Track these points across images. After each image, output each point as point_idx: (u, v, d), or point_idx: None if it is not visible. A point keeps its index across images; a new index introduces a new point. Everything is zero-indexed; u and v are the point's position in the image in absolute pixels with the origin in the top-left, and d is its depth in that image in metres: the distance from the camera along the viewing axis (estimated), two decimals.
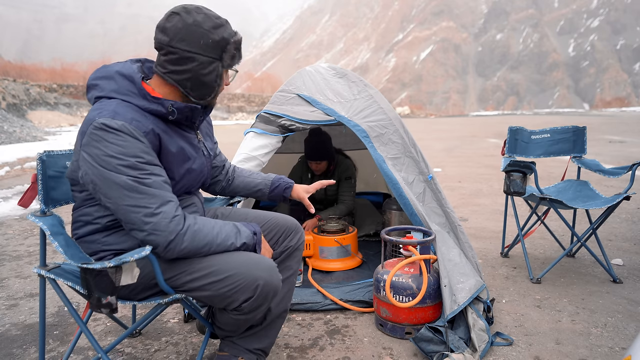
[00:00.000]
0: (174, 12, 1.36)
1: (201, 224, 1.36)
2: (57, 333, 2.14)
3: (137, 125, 1.29)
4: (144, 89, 1.36)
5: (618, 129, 18.32)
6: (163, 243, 1.27)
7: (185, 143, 1.48)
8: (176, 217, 1.29)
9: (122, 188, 1.24)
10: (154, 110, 1.36)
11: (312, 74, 2.62)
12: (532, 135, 3.16)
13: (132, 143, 1.27)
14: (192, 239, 1.32)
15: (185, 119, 1.45)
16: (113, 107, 1.30)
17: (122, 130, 1.25)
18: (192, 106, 1.43)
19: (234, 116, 39.90)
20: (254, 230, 1.47)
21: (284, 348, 1.95)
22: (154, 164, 1.32)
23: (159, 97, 1.37)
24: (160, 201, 1.28)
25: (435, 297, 2.00)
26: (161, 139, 1.37)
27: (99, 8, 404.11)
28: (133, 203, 1.25)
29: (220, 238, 1.38)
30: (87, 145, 1.27)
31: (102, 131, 1.25)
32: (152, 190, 1.27)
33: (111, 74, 1.38)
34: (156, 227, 1.26)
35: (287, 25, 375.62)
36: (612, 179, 5.86)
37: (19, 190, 6.26)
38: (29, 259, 3.27)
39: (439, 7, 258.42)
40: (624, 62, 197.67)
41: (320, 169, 3.27)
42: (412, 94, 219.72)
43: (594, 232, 2.72)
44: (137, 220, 1.26)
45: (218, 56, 1.40)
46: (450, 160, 9.11)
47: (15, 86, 26.83)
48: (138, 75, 1.38)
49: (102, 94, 1.36)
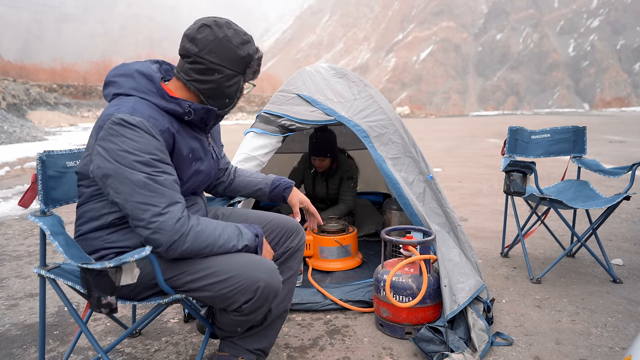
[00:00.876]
0: (205, 24, 1.41)
1: (204, 225, 1.36)
2: (57, 333, 2.14)
3: (154, 122, 1.32)
4: (163, 89, 1.39)
5: (618, 129, 18.31)
6: (166, 243, 1.28)
7: (196, 144, 1.50)
8: (182, 218, 1.30)
9: (133, 184, 1.26)
10: (171, 109, 1.39)
11: (312, 74, 2.62)
12: (532, 135, 3.16)
13: (148, 140, 1.29)
14: (195, 240, 1.32)
15: (199, 120, 1.47)
16: (132, 104, 1.32)
17: (139, 127, 1.28)
18: (208, 108, 1.46)
19: (234, 116, 39.88)
20: (256, 232, 1.48)
21: (284, 348, 1.95)
22: (166, 162, 1.34)
23: (177, 97, 1.41)
24: (169, 201, 1.29)
25: (435, 297, 2.00)
26: (175, 138, 1.39)
27: (99, 8, 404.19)
28: (143, 200, 1.26)
29: (223, 240, 1.38)
30: (103, 140, 1.29)
31: (120, 126, 1.27)
32: (163, 189, 1.29)
33: (131, 72, 1.41)
34: (162, 227, 1.27)
35: (287, 25, 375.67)
36: (612, 179, 5.86)
37: (19, 190, 6.26)
38: (29, 259, 3.27)
39: (439, 7, 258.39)
40: (624, 62, 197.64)
41: (324, 165, 3.28)
42: (412, 94, 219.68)
43: (594, 232, 2.72)
44: (144, 217, 1.27)
45: (242, 70, 1.46)
46: (450, 160, 9.11)
47: (15, 86, 26.83)
48: (157, 75, 1.42)
49: (121, 91, 1.39)
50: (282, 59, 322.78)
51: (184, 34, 1.44)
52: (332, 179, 3.41)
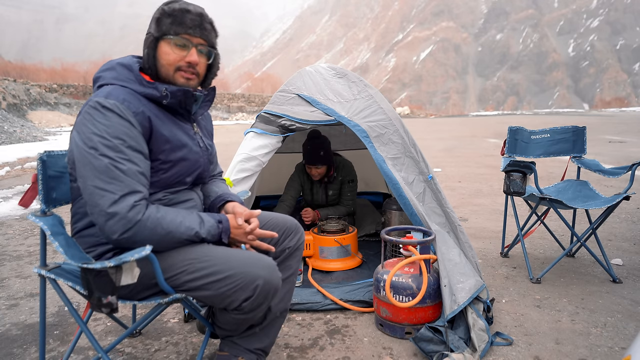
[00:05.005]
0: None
1: (164, 212, 1.35)
2: (58, 333, 2.14)
3: (127, 105, 1.34)
4: (141, 76, 1.43)
5: (618, 129, 18.31)
6: (119, 230, 1.27)
7: (179, 131, 1.49)
8: (137, 206, 1.28)
9: (95, 168, 1.27)
10: (148, 94, 1.42)
11: (312, 74, 2.62)
12: (532, 135, 3.16)
13: (119, 124, 1.31)
14: (154, 227, 1.31)
15: (179, 104, 1.47)
16: (109, 90, 1.37)
17: (112, 109, 1.31)
18: (184, 89, 1.45)
19: (234, 116, 39.89)
20: (218, 219, 1.45)
21: (284, 348, 1.95)
22: (136, 149, 1.33)
23: (154, 82, 1.43)
24: (126, 190, 1.28)
25: (435, 297, 2.01)
26: (152, 122, 1.39)
27: (99, 8, 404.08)
28: (100, 186, 1.26)
29: (184, 227, 1.36)
30: (78, 124, 1.34)
31: (93, 109, 1.31)
32: (123, 177, 1.28)
33: (113, 65, 1.47)
34: (115, 214, 1.25)
35: (287, 26, 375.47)
36: (612, 179, 5.86)
37: (19, 190, 6.26)
38: (29, 258, 3.28)
39: (439, 7, 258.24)
40: (623, 62, 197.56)
41: (320, 173, 3.20)
42: (412, 94, 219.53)
43: (593, 232, 2.72)
44: (99, 203, 1.26)
45: (153, 29, 1.44)
46: (450, 160, 9.11)
47: (15, 86, 26.81)
48: (136, 65, 1.46)
49: (104, 82, 1.43)
50: (282, 59, 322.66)
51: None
52: (332, 185, 3.35)
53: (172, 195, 1.49)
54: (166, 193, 1.48)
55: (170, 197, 1.49)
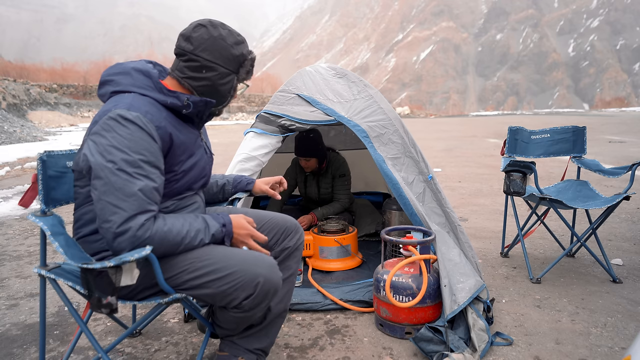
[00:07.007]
0: (200, 24, 1.45)
1: (170, 225, 1.33)
2: (58, 333, 2.14)
3: (150, 118, 1.33)
4: (161, 84, 1.42)
5: (618, 129, 18.30)
6: (127, 247, 1.26)
7: (191, 139, 1.51)
8: (145, 224, 1.27)
9: (110, 183, 1.25)
10: (170, 103, 1.41)
11: (312, 74, 2.62)
12: (532, 135, 3.16)
13: (141, 138, 1.29)
14: (161, 242, 1.30)
15: (197, 114, 1.49)
16: (130, 100, 1.34)
17: (135, 122, 1.29)
18: (207, 100, 1.48)
19: (234, 116, 39.84)
20: (223, 222, 1.46)
21: (284, 348, 1.95)
22: (154, 165, 1.32)
23: (175, 91, 1.43)
24: (139, 209, 1.26)
25: (435, 297, 2.01)
26: (172, 134, 1.40)
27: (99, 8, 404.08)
28: (114, 202, 1.24)
29: (190, 237, 1.36)
30: (96, 134, 1.30)
31: (115, 122, 1.28)
32: (138, 195, 1.26)
33: (127, 70, 1.44)
34: (124, 232, 1.24)
35: (287, 26, 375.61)
36: (612, 179, 5.86)
37: (19, 190, 6.26)
38: (29, 259, 3.28)
39: (439, 7, 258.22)
40: (623, 62, 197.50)
41: (310, 166, 3.23)
42: (412, 94, 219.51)
43: (593, 232, 2.72)
44: (112, 219, 1.24)
45: (235, 69, 1.50)
46: (450, 160, 9.11)
47: (15, 86, 26.79)
48: (154, 71, 1.44)
49: (119, 88, 1.40)
50: (282, 59, 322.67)
51: (180, 33, 1.47)
52: (324, 178, 3.36)
53: (179, 201, 1.51)
54: (174, 201, 1.49)
55: (177, 203, 1.50)
